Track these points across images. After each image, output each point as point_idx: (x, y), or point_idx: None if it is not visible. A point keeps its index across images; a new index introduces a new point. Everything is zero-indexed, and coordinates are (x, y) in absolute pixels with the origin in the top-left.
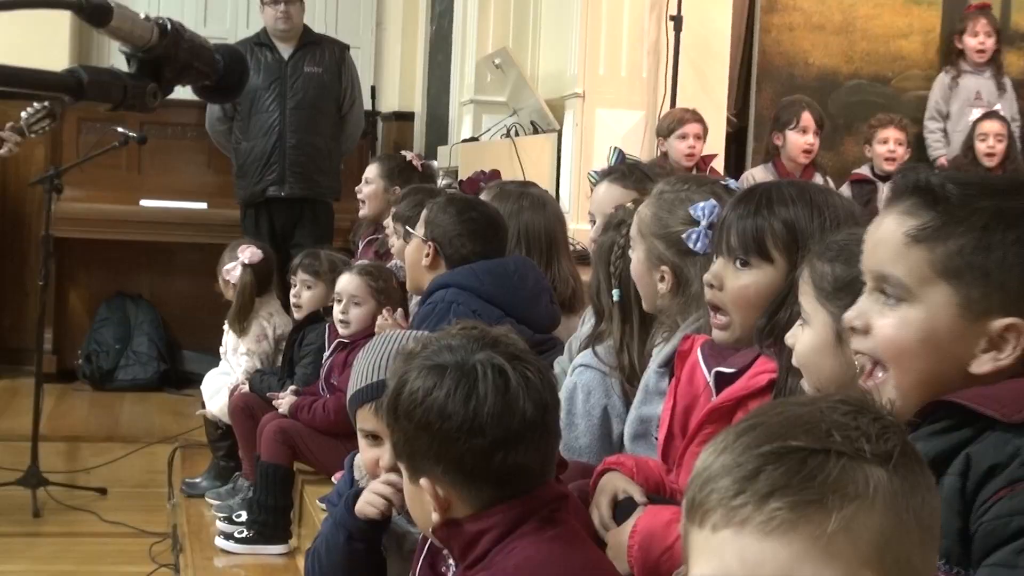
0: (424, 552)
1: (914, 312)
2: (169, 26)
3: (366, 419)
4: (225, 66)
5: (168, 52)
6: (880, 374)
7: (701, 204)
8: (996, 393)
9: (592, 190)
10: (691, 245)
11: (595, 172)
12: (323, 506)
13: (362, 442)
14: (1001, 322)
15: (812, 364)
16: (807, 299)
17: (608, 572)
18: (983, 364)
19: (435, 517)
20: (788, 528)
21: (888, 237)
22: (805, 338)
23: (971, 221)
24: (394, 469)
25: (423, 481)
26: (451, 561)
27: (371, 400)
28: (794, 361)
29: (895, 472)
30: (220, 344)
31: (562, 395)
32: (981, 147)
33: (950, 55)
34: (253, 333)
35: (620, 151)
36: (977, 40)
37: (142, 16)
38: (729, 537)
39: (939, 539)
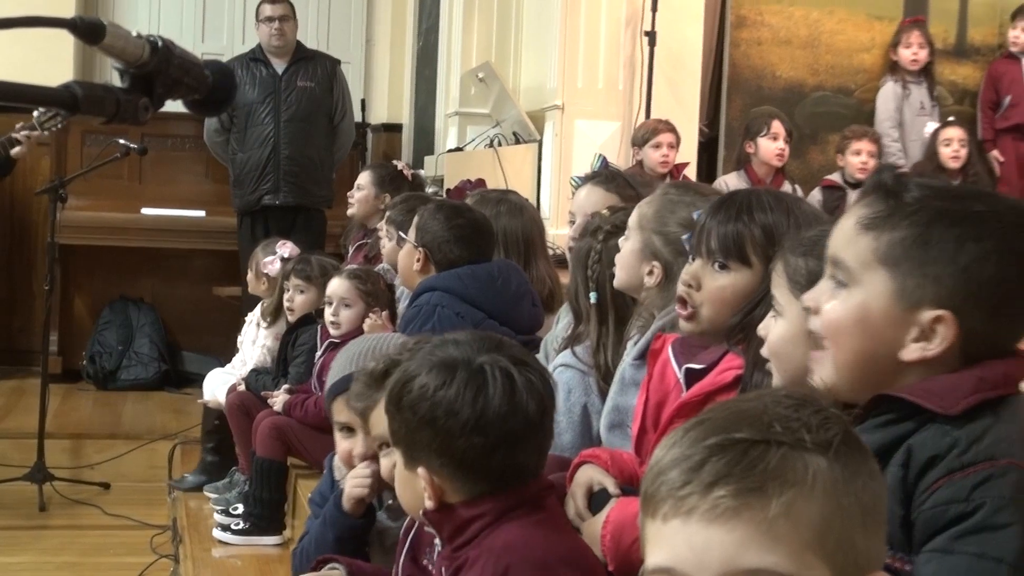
0: (407, 545)
1: (854, 294)
2: (160, 44)
3: (340, 411)
4: (214, 81)
5: (159, 68)
6: (820, 352)
7: (701, 211)
8: (935, 387)
9: (573, 194)
10: (687, 247)
11: (577, 177)
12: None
13: (337, 435)
14: (931, 313)
15: (784, 354)
16: (781, 291)
17: (588, 557)
18: (911, 352)
19: (429, 504)
20: (731, 515)
21: (845, 224)
22: (778, 329)
23: (917, 216)
24: (369, 458)
25: (420, 470)
26: (432, 553)
27: (342, 392)
28: (765, 351)
29: (835, 459)
30: (218, 345)
31: None
32: (946, 152)
33: (894, 67)
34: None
35: (604, 158)
36: (911, 51)
37: (134, 34)
38: (678, 526)
39: (885, 522)
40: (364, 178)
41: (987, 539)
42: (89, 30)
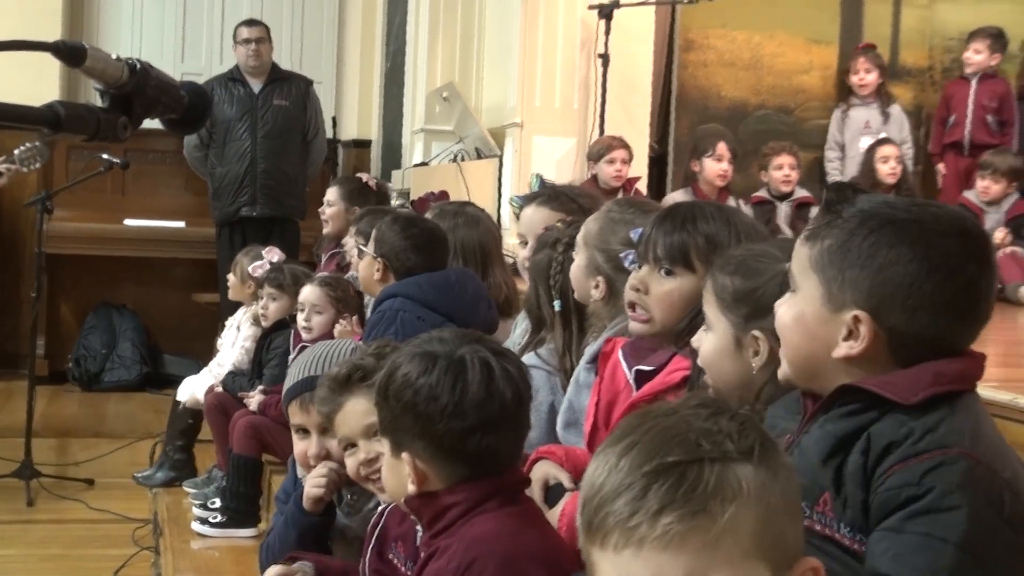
0: (373, 540)
1: (796, 299)
2: (138, 66)
3: (294, 414)
4: (190, 101)
5: (137, 89)
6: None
7: (639, 229)
8: (896, 380)
9: (517, 214)
10: (626, 265)
11: (518, 197)
12: None
13: (294, 436)
14: (851, 314)
15: (714, 365)
16: (710, 308)
17: (559, 552)
18: (841, 350)
19: (411, 488)
20: (681, 539)
21: (799, 239)
22: (708, 342)
23: (843, 225)
24: (324, 458)
25: (404, 455)
26: (397, 548)
27: (297, 395)
28: (699, 362)
29: (759, 464)
30: (197, 348)
31: None
32: (884, 169)
33: (845, 91)
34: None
35: (540, 177)
36: (858, 76)
37: (114, 57)
38: (631, 556)
39: (801, 509)
40: (332, 194)
41: (934, 520)
42: (71, 53)
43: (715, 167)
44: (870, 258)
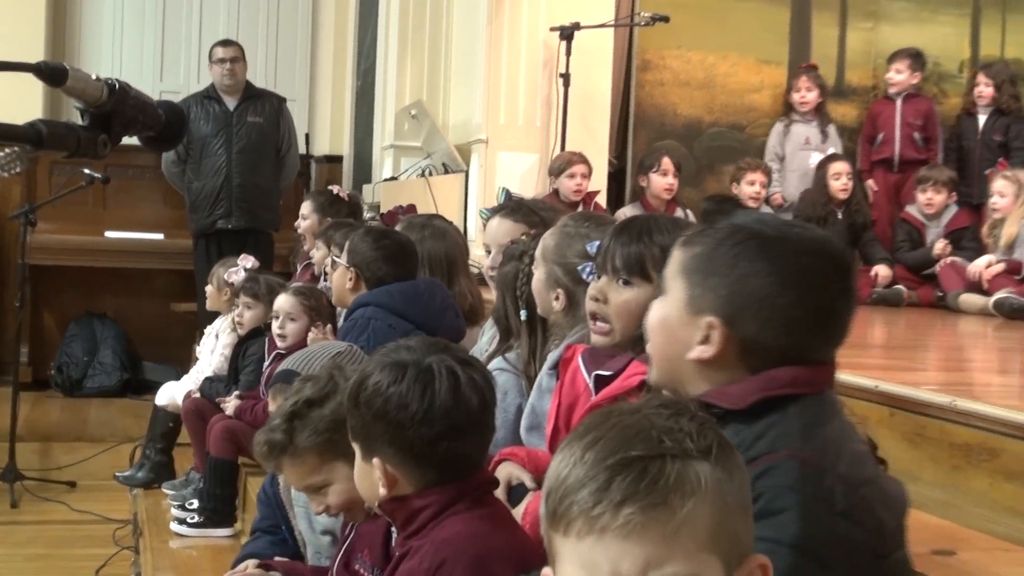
0: (342, 550)
1: (664, 301)
2: (117, 86)
3: (270, 401)
4: (166, 119)
5: (116, 108)
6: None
7: (596, 242)
8: (731, 390)
9: (485, 225)
10: (584, 276)
11: (486, 209)
12: None
13: None
14: (707, 319)
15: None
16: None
17: (526, 549)
18: (694, 352)
19: (383, 492)
20: (641, 529)
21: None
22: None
23: (712, 235)
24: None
25: (375, 460)
26: (363, 556)
27: (272, 386)
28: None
29: (716, 463)
30: (175, 355)
31: None
32: (836, 185)
33: (786, 107)
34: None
35: (507, 190)
36: (800, 95)
37: (93, 77)
38: (593, 543)
39: (751, 507)
40: (306, 207)
41: (766, 524)
42: (52, 74)
43: (661, 181)
44: (731, 268)
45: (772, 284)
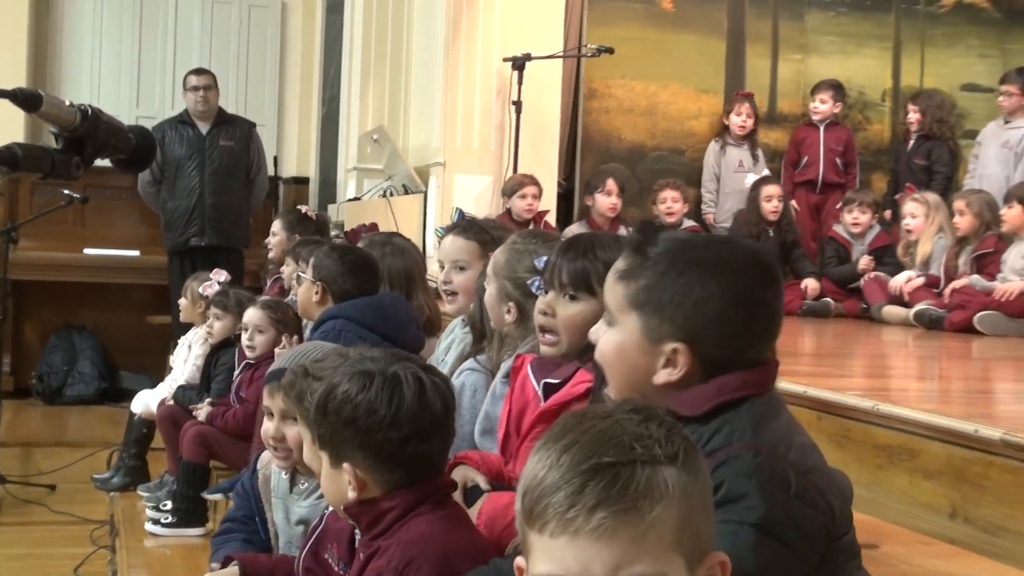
0: (310, 541)
1: (615, 333)
2: (89, 111)
3: (265, 397)
4: (137, 143)
5: (89, 132)
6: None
7: (543, 257)
8: (687, 397)
9: (440, 242)
10: (533, 289)
11: (442, 228)
12: (220, 496)
13: (266, 417)
14: (671, 345)
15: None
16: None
17: (484, 547)
18: (661, 377)
19: (351, 495)
20: (612, 532)
21: (609, 276)
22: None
23: (656, 266)
24: (280, 439)
25: (346, 465)
26: (333, 548)
27: (268, 383)
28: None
29: (682, 467)
30: (151, 365)
31: None
32: (767, 207)
33: (721, 129)
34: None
35: (460, 210)
36: (740, 119)
37: (67, 103)
38: (565, 542)
39: (712, 507)
40: (276, 225)
41: (730, 509)
42: (28, 100)
43: (605, 201)
44: (684, 296)
45: (726, 305)
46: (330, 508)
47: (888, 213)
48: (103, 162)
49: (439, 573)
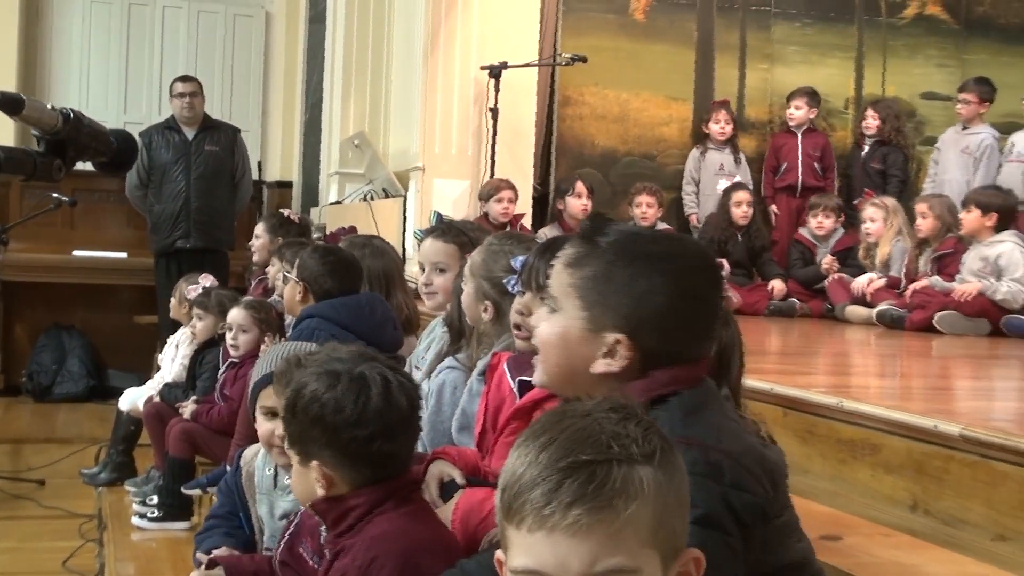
0: (287, 535)
1: (558, 319)
2: (71, 115)
3: (267, 397)
4: (118, 146)
5: (70, 135)
6: (537, 359)
7: (520, 257)
8: (632, 387)
9: (419, 244)
10: (510, 288)
11: (420, 231)
12: (199, 490)
13: (261, 419)
14: (612, 336)
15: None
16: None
17: (447, 541)
18: (600, 367)
19: (319, 492)
20: (587, 529)
21: (556, 262)
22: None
23: (604, 256)
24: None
25: (314, 463)
26: (308, 543)
27: (267, 385)
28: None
29: (659, 467)
30: (138, 363)
31: (432, 389)
32: (737, 212)
33: (701, 137)
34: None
35: (439, 214)
36: (719, 126)
37: (49, 106)
38: (542, 537)
39: (689, 506)
40: (260, 228)
41: None
42: (10, 104)
43: (576, 203)
44: (629, 287)
45: (670, 299)
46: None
47: (842, 217)
48: (89, 166)
49: (402, 569)
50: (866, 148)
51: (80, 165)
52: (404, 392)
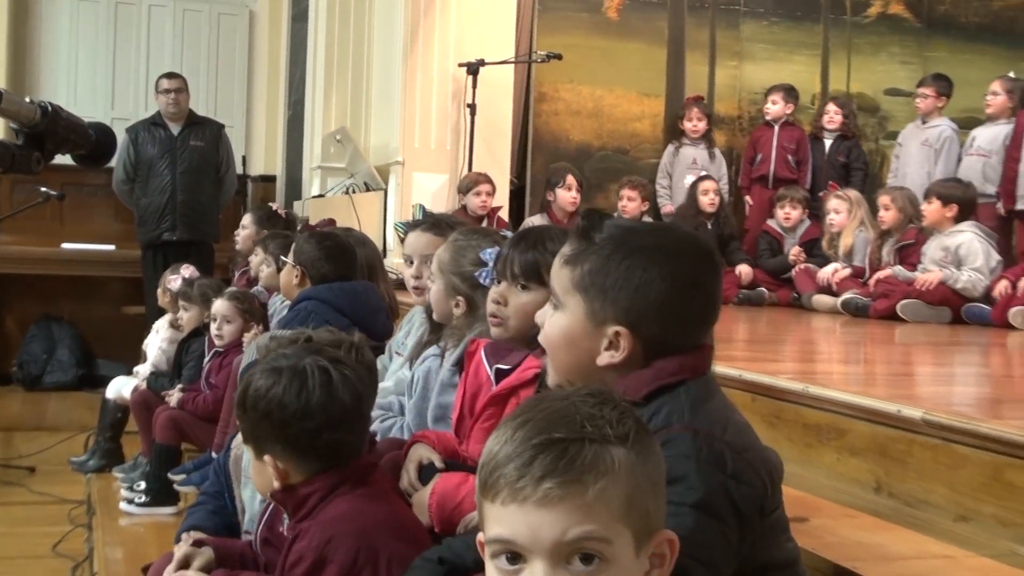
0: (265, 515)
1: (561, 316)
2: (49, 108)
3: None
4: (97, 139)
5: (49, 128)
6: (544, 357)
7: (489, 250)
8: (627, 383)
9: (401, 237)
10: (482, 280)
11: (402, 223)
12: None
13: None
14: (613, 328)
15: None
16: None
17: (405, 520)
18: (603, 359)
19: (276, 484)
20: (558, 501)
21: (556, 261)
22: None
23: (601, 251)
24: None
25: (267, 457)
26: (286, 520)
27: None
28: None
29: (632, 448)
30: (125, 353)
31: (419, 376)
32: (704, 200)
33: (676, 132)
34: (172, 334)
35: (423, 207)
36: (692, 123)
37: (27, 100)
38: (515, 510)
39: (664, 488)
40: (247, 219)
41: (671, 490)
42: None
43: (566, 196)
44: (627, 280)
45: (667, 289)
46: None
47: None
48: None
49: (358, 548)
50: (830, 142)
51: (67, 160)
52: (347, 384)
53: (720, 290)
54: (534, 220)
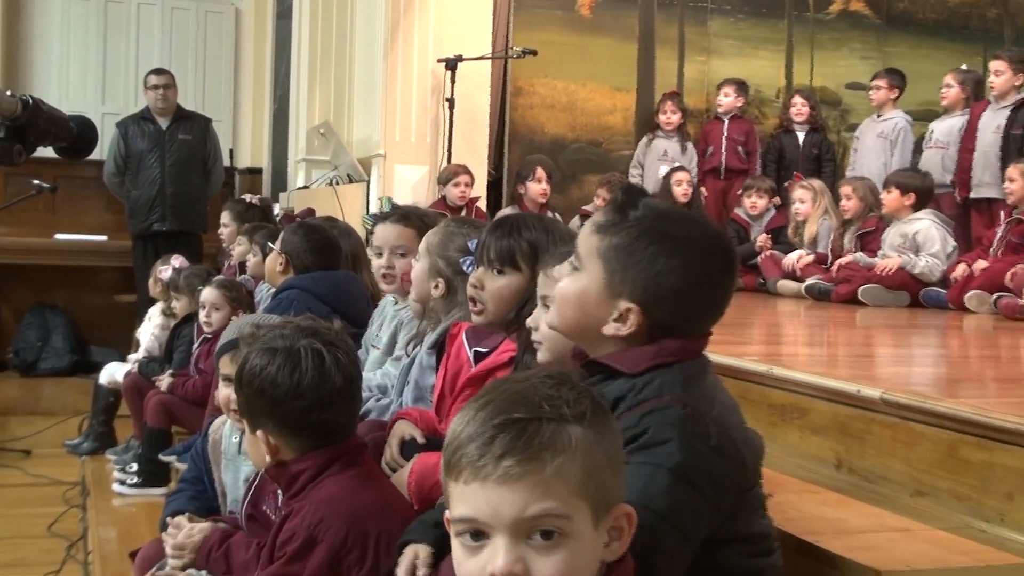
0: (249, 494)
1: (580, 277)
2: (30, 101)
3: (224, 364)
4: (79, 132)
5: (30, 121)
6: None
7: (475, 239)
8: (627, 356)
9: (369, 229)
10: (465, 269)
11: (370, 216)
12: (173, 458)
13: (221, 384)
14: (626, 304)
15: (552, 336)
16: (550, 289)
17: (394, 501)
18: (609, 328)
19: (268, 459)
20: (517, 478)
21: (586, 225)
22: (548, 316)
23: (631, 230)
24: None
25: (259, 432)
26: (270, 500)
27: (228, 351)
28: (537, 336)
29: (588, 426)
30: (118, 340)
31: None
32: (678, 190)
33: (651, 125)
34: (162, 321)
35: (391, 200)
36: (665, 116)
37: (8, 93)
38: (477, 488)
39: (623, 463)
40: (225, 217)
41: (650, 452)
42: None
43: (536, 187)
44: (650, 264)
45: (685, 281)
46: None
47: (776, 199)
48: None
49: (348, 529)
50: (803, 134)
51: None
52: (339, 366)
53: (732, 289)
54: (507, 211)
